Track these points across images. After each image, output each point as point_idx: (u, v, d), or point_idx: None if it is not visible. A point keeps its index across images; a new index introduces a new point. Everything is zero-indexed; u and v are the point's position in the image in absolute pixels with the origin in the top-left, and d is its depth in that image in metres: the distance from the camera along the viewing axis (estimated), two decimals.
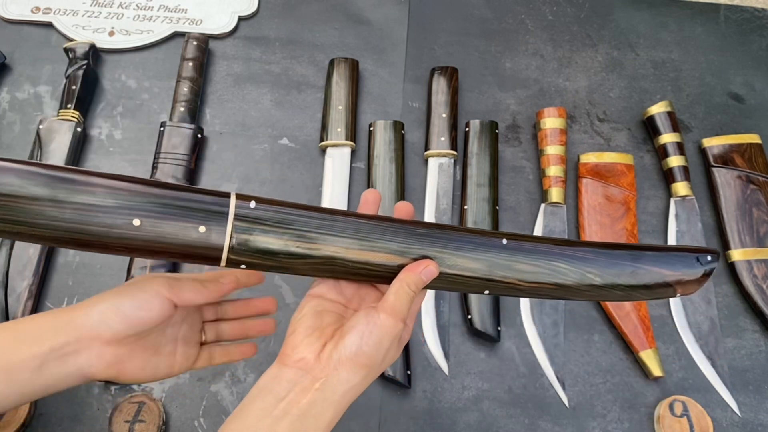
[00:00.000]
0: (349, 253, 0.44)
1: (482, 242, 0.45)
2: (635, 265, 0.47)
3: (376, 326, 0.42)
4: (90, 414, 0.66)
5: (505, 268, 0.45)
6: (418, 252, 0.44)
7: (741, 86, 0.91)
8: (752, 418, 0.70)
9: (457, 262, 0.45)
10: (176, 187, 0.41)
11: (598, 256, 0.46)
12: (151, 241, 0.39)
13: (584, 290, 0.47)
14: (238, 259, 0.42)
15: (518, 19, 0.96)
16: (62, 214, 0.38)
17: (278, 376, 0.42)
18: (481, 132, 0.82)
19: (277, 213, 0.42)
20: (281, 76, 0.88)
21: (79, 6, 0.90)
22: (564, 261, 0.46)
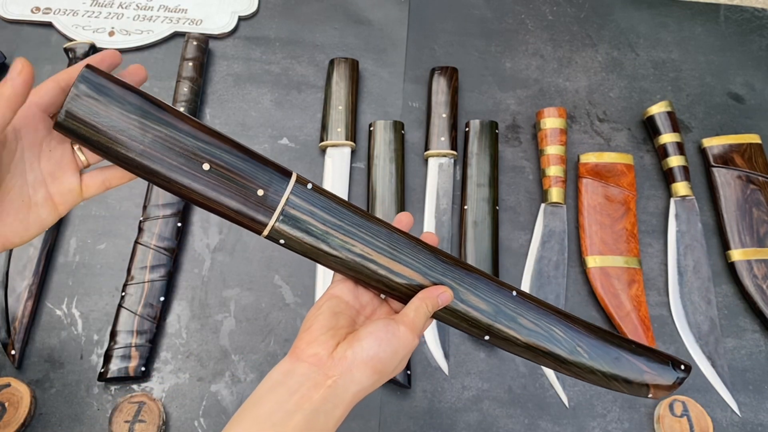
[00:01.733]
0: (378, 257, 0.46)
1: (495, 287, 0.48)
2: (620, 353, 0.49)
3: (395, 336, 0.44)
4: (90, 414, 0.66)
5: (509, 319, 0.48)
6: (438, 277, 0.47)
7: (741, 86, 0.91)
8: (752, 418, 0.70)
9: (470, 298, 0.47)
10: (248, 150, 0.43)
11: (590, 334, 0.49)
12: (211, 190, 0.42)
13: (572, 363, 0.49)
14: (280, 232, 0.44)
15: (518, 19, 0.96)
16: (143, 136, 0.40)
17: (291, 370, 0.43)
18: (481, 132, 0.82)
19: (327, 200, 0.45)
20: (281, 76, 0.88)
21: (79, 6, 0.90)
22: (561, 329, 0.49)
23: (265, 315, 0.73)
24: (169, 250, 0.73)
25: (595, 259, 0.75)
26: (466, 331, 0.49)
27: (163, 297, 0.71)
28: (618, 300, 0.73)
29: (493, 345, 0.49)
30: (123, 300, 0.69)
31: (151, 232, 0.73)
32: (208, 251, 0.76)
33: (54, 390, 0.67)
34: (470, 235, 0.76)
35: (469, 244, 0.75)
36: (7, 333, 0.68)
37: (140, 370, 0.67)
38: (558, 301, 0.74)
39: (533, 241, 0.78)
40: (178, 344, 0.71)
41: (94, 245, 0.76)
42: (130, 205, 0.78)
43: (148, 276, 0.71)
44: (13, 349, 0.68)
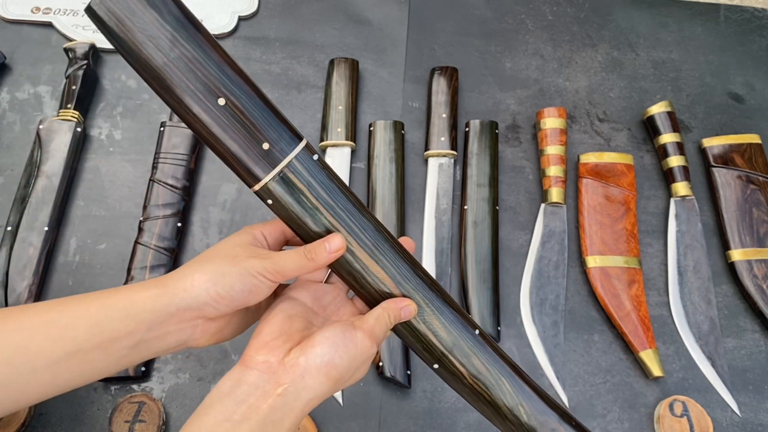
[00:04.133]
0: (357, 250, 0.44)
1: (460, 320, 0.47)
2: (559, 424, 0.48)
3: (352, 342, 0.42)
4: (90, 414, 0.66)
5: (464, 354, 0.46)
6: (409, 290, 0.46)
7: (741, 86, 0.91)
8: (752, 418, 0.70)
9: (433, 321, 0.46)
10: (268, 101, 0.42)
11: (537, 397, 0.48)
12: (219, 126, 0.40)
13: (510, 420, 0.48)
14: (271, 192, 0.42)
15: (518, 19, 0.96)
16: (171, 50, 0.39)
17: (240, 379, 0.40)
18: (481, 132, 0.82)
19: (327, 178, 0.43)
20: (281, 76, 0.88)
21: (79, 6, 0.90)
22: (510, 382, 0.47)
23: None
24: (169, 250, 0.73)
25: (595, 259, 0.75)
26: (418, 353, 0.47)
27: None
28: (618, 300, 0.73)
29: (439, 376, 0.48)
30: None
31: (151, 232, 0.73)
32: None
33: None
34: (470, 235, 0.76)
35: (469, 244, 0.75)
36: None
37: (140, 370, 0.67)
38: (558, 301, 0.74)
39: (533, 241, 0.78)
40: None
41: (94, 245, 0.76)
42: (130, 205, 0.78)
43: (148, 276, 0.71)
44: None
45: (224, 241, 0.44)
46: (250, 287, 0.42)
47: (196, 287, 0.41)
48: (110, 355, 0.40)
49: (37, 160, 0.76)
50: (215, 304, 0.41)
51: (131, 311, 0.40)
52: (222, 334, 0.45)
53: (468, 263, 0.74)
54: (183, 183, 0.76)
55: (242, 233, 0.45)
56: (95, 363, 0.40)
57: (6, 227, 0.73)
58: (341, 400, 0.68)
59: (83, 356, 0.39)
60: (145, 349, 0.41)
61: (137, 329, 0.40)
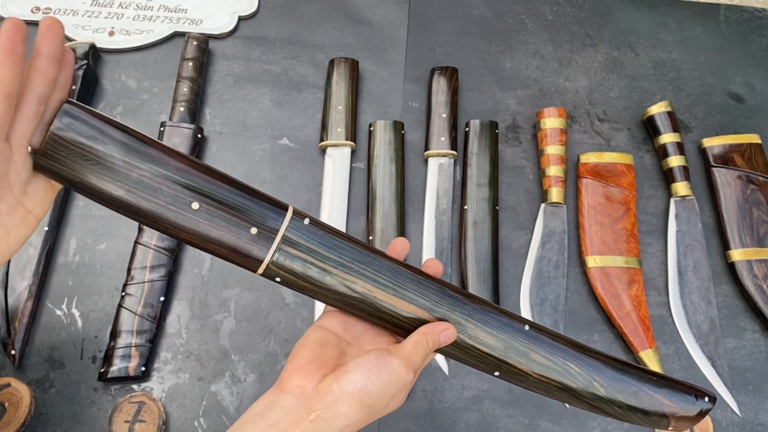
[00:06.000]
0: (381, 294, 0.44)
1: (506, 322, 0.46)
2: (639, 386, 0.48)
3: (387, 369, 0.42)
4: (90, 414, 0.66)
5: (521, 354, 0.46)
6: (444, 313, 0.45)
7: (741, 86, 0.91)
8: (752, 418, 0.70)
9: (479, 334, 0.45)
10: (240, 184, 0.41)
11: (608, 368, 0.48)
12: (201, 229, 0.40)
13: (587, 398, 0.48)
14: (276, 270, 0.42)
15: (518, 19, 0.96)
16: (129, 174, 0.38)
17: (274, 402, 0.41)
18: (481, 132, 0.82)
19: (326, 235, 0.43)
20: (281, 76, 0.88)
21: (79, 6, 0.90)
22: (576, 363, 0.47)
23: (265, 315, 0.73)
24: (169, 250, 0.73)
25: (595, 259, 0.75)
26: (475, 366, 0.47)
27: (163, 297, 0.71)
28: (618, 300, 0.73)
29: (505, 380, 0.48)
30: (123, 300, 0.69)
31: (151, 232, 0.73)
32: None
33: (54, 390, 0.67)
34: (470, 235, 0.76)
35: (469, 244, 0.75)
36: (7, 333, 0.68)
37: (140, 370, 0.67)
38: (558, 301, 0.74)
39: (533, 241, 0.78)
40: (178, 344, 0.71)
41: (94, 245, 0.76)
42: None
43: (148, 276, 0.71)
44: (13, 349, 0.68)
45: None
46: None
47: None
48: None
49: None
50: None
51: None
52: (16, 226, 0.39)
53: (468, 263, 0.74)
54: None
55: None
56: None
57: None
58: None
59: None
60: None
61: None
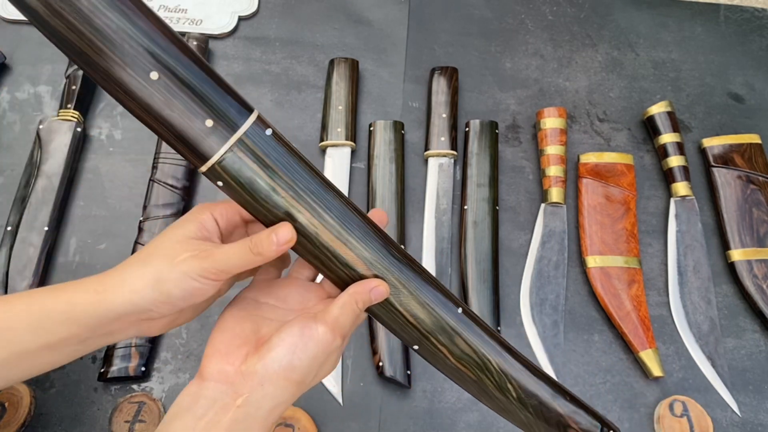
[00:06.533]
0: (323, 232, 0.40)
1: (441, 300, 0.44)
2: (552, 399, 0.46)
3: (312, 340, 0.39)
4: (90, 414, 0.66)
5: (446, 336, 0.44)
6: (382, 271, 0.42)
7: (741, 86, 0.91)
8: (752, 418, 0.70)
9: (410, 303, 0.43)
10: (210, 70, 0.37)
11: (527, 373, 0.46)
12: (155, 104, 0.35)
13: (497, 398, 0.45)
14: (221, 174, 0.37)
15: (518, 19, 0.96)
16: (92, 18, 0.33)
17: (198, 393, 0.38)
18: (481, 132, 0.82)
19: (285, 154, 0.39)
20: (281, 76, 0.88)
21: None
22: (497, 360, 0.45)
23: None
24: None
25: (595, 259, 0.75)
26: (396, 334, 0.44)
27: None
28: (618, 300, 0.73)
29: (421, 357, 0.45)
30: None
31: (151, 232, 0.73)
32: None
33: (54, 390, 0.67)
34: (470, 235, 0.76)
35: (469, 244, 0.75)
36: None
37: (140, 370, 0.67)
38: (558, 301, 0.74)
39: (533, 241, 0.78)
40: (178, 344, 0.71)
41: (94, 245, 0.76)
42: (130, 205, 0.78)
43: None
44: None
45: (166, 234, 0.40)
46: (191, 291, 0.39)
47: (135, 294, 0.38)
48: (59, 351, 0.39)
49: (37, 160, 0.76)
50: (156, 309, 0.39)
51: (72, 315, 0.38)
52: (175, 323, 0.43)
53: (468, 263, 0.74)
54: (183, 183, 0.76)
55: (187, 221, 0.41)
56: (46, 358, 0.39)
57: (6, 227, 0.73)
58: (341, 400, 0.68)
59: (32, 355, 0.39)
60: (96, 344, 0.40)
61: (80, 332, 0.39)
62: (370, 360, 0.70)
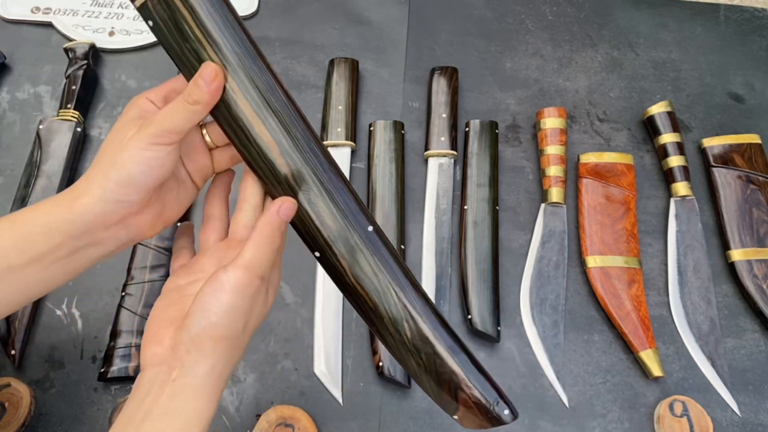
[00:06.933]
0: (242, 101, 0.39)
1: (353, 210, 0.41)
2: (452, 351, 0.42)
3: (223, 292, 0.37)
4: (90, 414, 0.66)
5: (349, 250, 0.41)
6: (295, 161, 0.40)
7: (741, 86, 0.91)
8: (752, 418, 0.70)
9: (319, 204, 0.41)
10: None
11: (431, 316, 0.42)
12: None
13: (391, 333, 0.42)
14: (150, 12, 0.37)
15: (518, 19, 0.96)
16: None
17: (138, 382, 0.39)
18: (481, 132, 0.82)
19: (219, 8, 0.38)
20: (281, 76, 0.88)
21: (79, 6, 0.90)
22: (401, 293, 0.42)
23: None
24: (169, 250, 0.73)
25: (595, 259, 0.75)
26: (298, 233, 0.42)
27: None
28: (618, 300, 0.73)
29: (321, 266, 0.43)
30: (123, 300, 0.69)
31: None
32: None
33: (54, 390, 0.67)
34: (470, 235, 0.76)
35: (469, 244, 0.75)
36: (7, 333, 0.68)
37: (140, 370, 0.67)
38: (558, 301, 0.74)
39: (533, 241, 0.78)
40: None
41: None
42: None
43: (148, 276, 0.71)
44: (13, 349, 0.68)
45: (113, 129, 0.40)
46: (148, 163, 0.38)
47: (102, 188, 0.38)
48: (49, 266, 0.39)
49: (37, 160, 0.76)
50: (126, 196, 0.38)
51: (51, 225, 0.38)
52: (165, 217, 0.43)
53: (468, 263, 0.74)
54: None
55: (128, 110, 0.40)
56: (37, 275, 0.39)
57: None
58: (341, 400, 0.68)
59: (21, 272, 0.38)
60: (87, 254, 0.40)
61: (63, 241, 0.38)
62: (370, 360, 0.70)
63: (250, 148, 0.40)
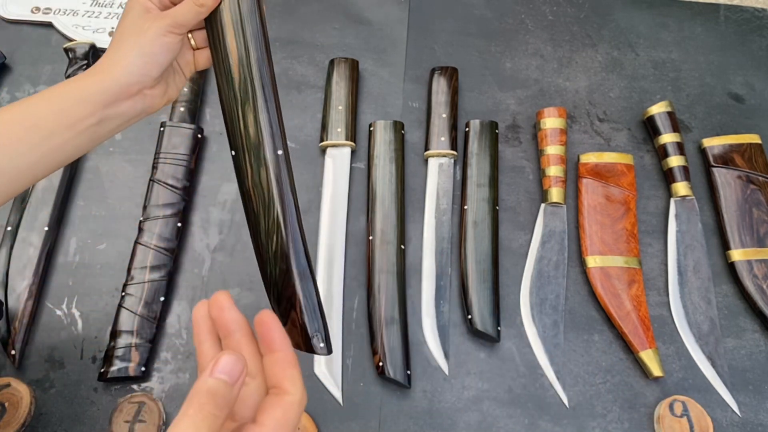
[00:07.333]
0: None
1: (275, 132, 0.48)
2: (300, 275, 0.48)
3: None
4: (90, 414, 0.66)
5: (256, 158, 0.48)
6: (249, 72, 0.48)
7: (741, 86, 0.91)
8: (752, 418, 0.70)
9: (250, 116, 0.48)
10: None
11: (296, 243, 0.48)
12: None
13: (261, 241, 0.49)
14: None
15: (518, 19, 0.96)
16: None
17: None
18: (481, 132, 0.82)
19: None
20: (281, 76, 0.88)
21: (79, 6, 0.90)
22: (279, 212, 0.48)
23: None
24: (169, 250, 0.73)
25: (595, 259, 0.75)
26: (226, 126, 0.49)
27: (163, 297, 0.71)
28: (618, 300, 0.73)
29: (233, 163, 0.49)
30: (123, 300, 0.69)
31: (151, 232, 0.73)
32: (208, 251, 0.76)
33: (54, 390, 0.67)
34: (470, 235, 0.76)
35: (469, 244, 0.75)
36: (7, 333, 0.68)
37: (140, 370, 0.67)
38: (558, 301, 0.74)
39: (533, 241, 0.78)
40: (178, 344, 0.71)
41: (94, 245, 0.76)
42: (130, 205, 0.78)
43: (148, 276, 0.71)
44: (13, 349, 0.68)
45: (124, 23, 0.48)
46: (166, 46, 0.48)
47: (129, 64, 0.47)
48: (81, 133, 0.46)
49: None
50: (148, 72, 0.48)
51: (85, 95, 0.46)
52: (169, 94, 0.52)
53: (468, 263, 0.74)
54: (183, 183, 0.76)
55: (131, 7, 0.49)
56: (71, 141, 0.46)
57: (6, 227, 0.73)
58: (341, 400, 0.68)
59: (58, 138, 0.45)
60: (109, 124, 0.48)
61: (95, 109, 0.46)
62: (370, 360, 0.70)
63: (219, 51, 0.49)
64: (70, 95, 0.46)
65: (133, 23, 0.48)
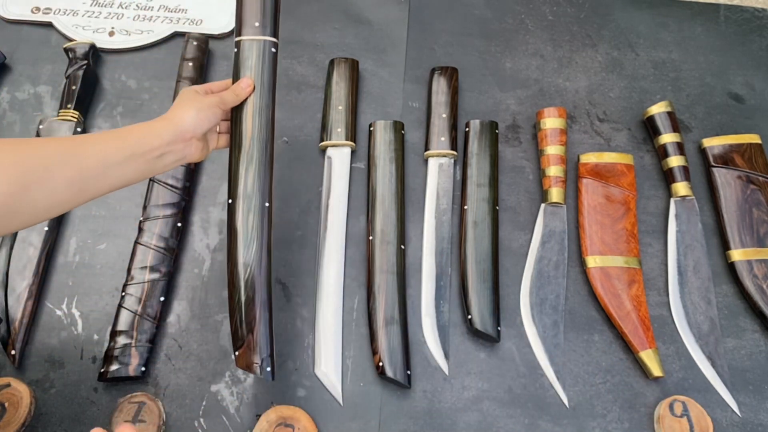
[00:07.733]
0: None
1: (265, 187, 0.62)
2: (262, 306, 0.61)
3: None
4: (90, 414, 0.66)
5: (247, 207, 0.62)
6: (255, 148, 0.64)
7: (741, 86, 0.91)
8: (752, 418, 0.70)
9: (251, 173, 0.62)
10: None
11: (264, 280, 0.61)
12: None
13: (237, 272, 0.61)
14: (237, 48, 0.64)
15: (518, 19, 0.96)
16: None
17: None
18: (481, 132, 0.82)
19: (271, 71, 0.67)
20: (281, 76, 0.88)
21: (79, 6, 0.90)
22: (256, 251, 0.61)
23: None
24: (169, 250, 0.73)
25: (595, 259, 0.75)
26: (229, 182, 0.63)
27: (163, 297, 0.71)
28: (618, 300, 0.73)
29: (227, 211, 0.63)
30: (123, 300, 0.69)
31: (151, 232, 0.73)
32: (208, 251, 0.76)
33: (54, 390, 0.67)
34: (470, 235, 0.76)
35: (469, 244, 0.75)
36: (7, 333, 0.68)
37: (140, 370, 0.67)
38: (558, 301, 0.74)
39: (533, 241, 0.78)
40: (178, 344, 0.71)
41: (94, 245, 0.76)
42: (130, 205, 0.78)
43: (148, 276, 0.71)
44: (13, 349, 0.68)
45: (183, 96, 0.62)
46: (212, 113, 0.62)
47: (189, 118, 0.60)
48: (147, 161, 0.57)
49: None
50: (199, 125, 0.60)
51: (156, 131, 0.58)
52: (203, 152, 0.63)
53: (468, 263, 0.74)
54: (183, 183, 0.76)
55: (185, 91, 0.63)
56: (138, 166, 0.57)
57: None
58: (341, 400, 0.68)
59: (133, 161, 0.56)
60: (165, 159, 0.59)
61: (161, 143, 0.58)
62: (370, 360, 0.70)
63: (237, 128, 0.64)
64: (148, 130, 0.58)
65: (192, 96, 0.62)
